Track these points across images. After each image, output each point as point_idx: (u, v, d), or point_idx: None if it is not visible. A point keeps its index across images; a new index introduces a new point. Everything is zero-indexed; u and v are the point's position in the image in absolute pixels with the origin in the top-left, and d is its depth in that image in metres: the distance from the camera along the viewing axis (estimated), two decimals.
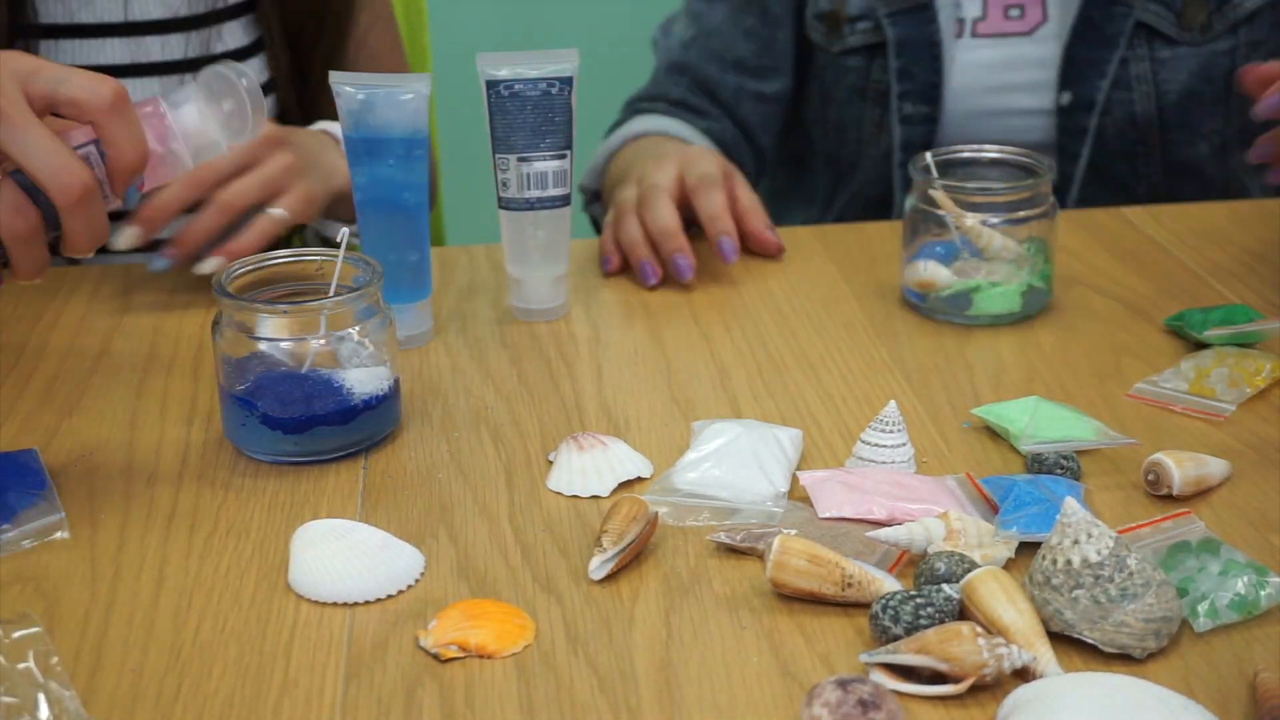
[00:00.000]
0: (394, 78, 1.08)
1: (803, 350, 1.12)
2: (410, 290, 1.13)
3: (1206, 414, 1.01)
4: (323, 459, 0.97)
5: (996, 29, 1.49)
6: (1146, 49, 1.47)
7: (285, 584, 0.85)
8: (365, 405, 0.96)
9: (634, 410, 1.04)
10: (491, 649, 0.79)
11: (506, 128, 1.12)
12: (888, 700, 0.72)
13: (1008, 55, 1.48)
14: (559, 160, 1.13)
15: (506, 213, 1.15)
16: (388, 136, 1.08)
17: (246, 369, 0.96)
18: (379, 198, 1.10)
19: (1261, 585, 0.80)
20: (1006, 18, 1.48)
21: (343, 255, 0.98)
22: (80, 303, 1.21)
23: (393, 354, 0.98)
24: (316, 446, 0.96)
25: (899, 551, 0.86)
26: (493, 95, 1.12)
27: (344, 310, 0.95)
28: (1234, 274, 1.23)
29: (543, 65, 1.11)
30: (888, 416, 0.95)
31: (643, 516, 0.86)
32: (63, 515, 0.90)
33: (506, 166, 1.13)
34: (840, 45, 1.51)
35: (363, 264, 0.99)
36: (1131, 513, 0.90)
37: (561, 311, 1.18)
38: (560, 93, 1.11)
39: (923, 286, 1.16)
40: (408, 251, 1.11)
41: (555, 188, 1.14)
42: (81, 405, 1.05)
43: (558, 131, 1.13)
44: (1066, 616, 0.77)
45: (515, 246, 1.16)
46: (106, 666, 0.78)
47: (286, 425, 0.95)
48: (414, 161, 1.09)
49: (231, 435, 0.98)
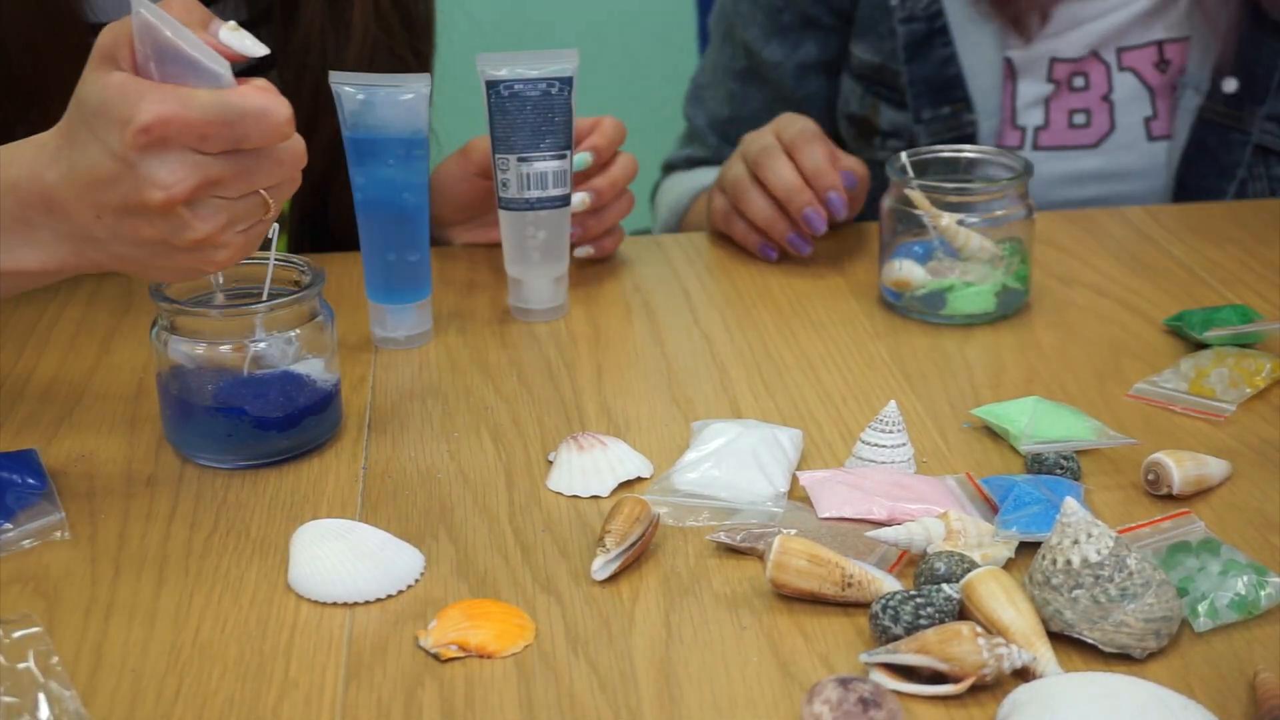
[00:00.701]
0: (394, 78, 1.08)
1: (803, 350, 1.12)
2: (410, 290, 1.13)
3: (1206, 414, 1.01)
4: (305, 451, 0.98)
5: (1060, 140, 1.42)
6: (1264, 168, 1.40)
7: (285, 584, 0.85)
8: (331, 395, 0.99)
9: (634, 410, 1.04)
10: (491, 649, 0.79)
11: (506, 128, 1.12)
12: (888, 699, 0.72)
13: (1074, 168, 1.42)
14: (559, 160, 1.13)
15: (506, 213, 1.15)
16: (387, 137, 1.08)
17: (204, 378, 0.95)
18: (378, 198, 1.10)
19: (1261, 585, 0.80)
20: (1070, 126, 1.41)
21: (274, 256, 0.97)
22: (80, 303, 1.21)
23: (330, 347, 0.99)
24: (308, 438, 0.97)
25: (899, 551, 0.86)
26: (493, 95, 1.12)
27: (284, 313, 0.95)
28: (1234, 274, 1.23)
29: (543, 65, 1.11)
30: (888, 416, 0.95)
31: (645, 517, 0.86)
32: (63, 515, 0.91)
33: (506, 166, 1.13)
34: (871, 155, 1.44)
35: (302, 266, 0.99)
36: (1131, 513, 0.90)
37: (561, 312, 1.18)
38: (560, 93, 1.11)
39: (898, 285, 1.16)
40: (407, 251, 1.11)
41: (555, 188, 1.14)
42: (81, 405, 1.05)
43: (558, 132, 1.13)
44: (1066, 616, 0.77)
45: (515, 246, 1.16)
46: (106, 666, 0.78)
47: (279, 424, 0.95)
48: (414, 161, 1.09)
49: (202, 449, 0.97)
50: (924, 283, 1.15)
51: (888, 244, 1.17)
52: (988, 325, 1.15)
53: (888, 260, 1.17)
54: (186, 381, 0.95)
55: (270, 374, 0.95)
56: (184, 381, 0.95)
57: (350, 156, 1.10)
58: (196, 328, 0.94)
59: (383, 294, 1.13)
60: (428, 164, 1.11)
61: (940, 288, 1.14)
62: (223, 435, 0.95)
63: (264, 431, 0.95)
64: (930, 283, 1.15)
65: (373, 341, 1.14)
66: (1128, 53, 1.40)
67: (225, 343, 0.94)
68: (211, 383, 0.95)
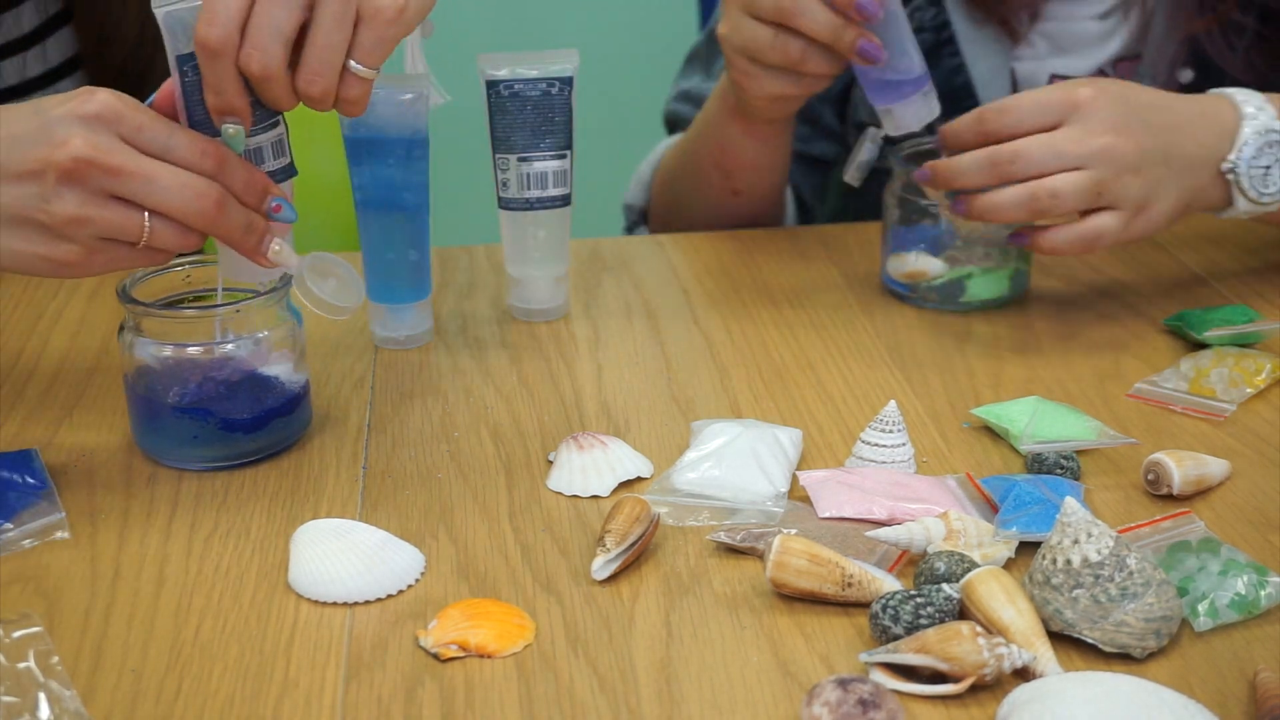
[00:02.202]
0: (395, 78, 1.08)
1: (803, 350, 1.12)
2: (410, 290, 1.13)
3: (1206, 414, 1.01)
4: (269, 454, 0.98)
5: None
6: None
7: (285, 584, 0.85)
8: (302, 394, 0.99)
9: (634, 410, 1.04)
10: (491, 649, 0.79)
11: (506, 127, 1.12)
12: (888, 700, 0.72)
13: None
14: (559, 160, 1.13)
15: (506, 213, 1.15)
16: (387, 136, 1.08)
17: (170, 379, 0.95)
18: (379, 198, 1.10)
19: (1261, 585, 0.80)
20: None
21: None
22: (80, 303, 1.21)
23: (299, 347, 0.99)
24: (276, 440, 0.97)
25: (899, 551, 0.86)
26: (493, 95, 1.12)
27: (253, 315, 0.95)
28: (1234, 274, 1.23)
29: (543, 65, 1.11)
30: (887, 416, 0.95)
31: (645, 517, 0.86)
32: (63, 515, 0.91)
33: (506, 166, 1.13)
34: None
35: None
36: (1131, 512, 0.90)
37: (561, 311, 1.18)
38: (560, 93, 1.11)
39: (912, 277, 1.17)
40: (407, 251, 1.11)
41: (555, 188, 1.14)
42: (81, 405, 1.05)
43: (558, 131, 1.13)
44: (1066, 616, 0.77)
45: (515, 246, 1.16)
46: (106, 666, 0.78)
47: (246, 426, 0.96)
48: (414, 161, 1.09)
49: (168, 451, 0.97)
50: (941, 273, 1.16)
51: (892, 235, 1.18)
52: (987, 325, 1.15)
53: (895, 253, 1.18)
54: (153, 383, 0.95)
55: (238, 376, 0.95)
56: (150, 383, 0.95)
57: (350, 156, 1.10)
58: (163, 329, 0.94)
59: (383, 293, 1.13)
60: (428, 164, 1.11)
61: (959, 275, 1.16)
62: (189, 437, 0.95)
63: (230, 434, 0.95)
64: (949, 272, 1.16)
65: (373, 341, 1.14)
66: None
67: (192, 344, 0.94)
68: (178, 384, 0.94)
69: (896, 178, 1.18)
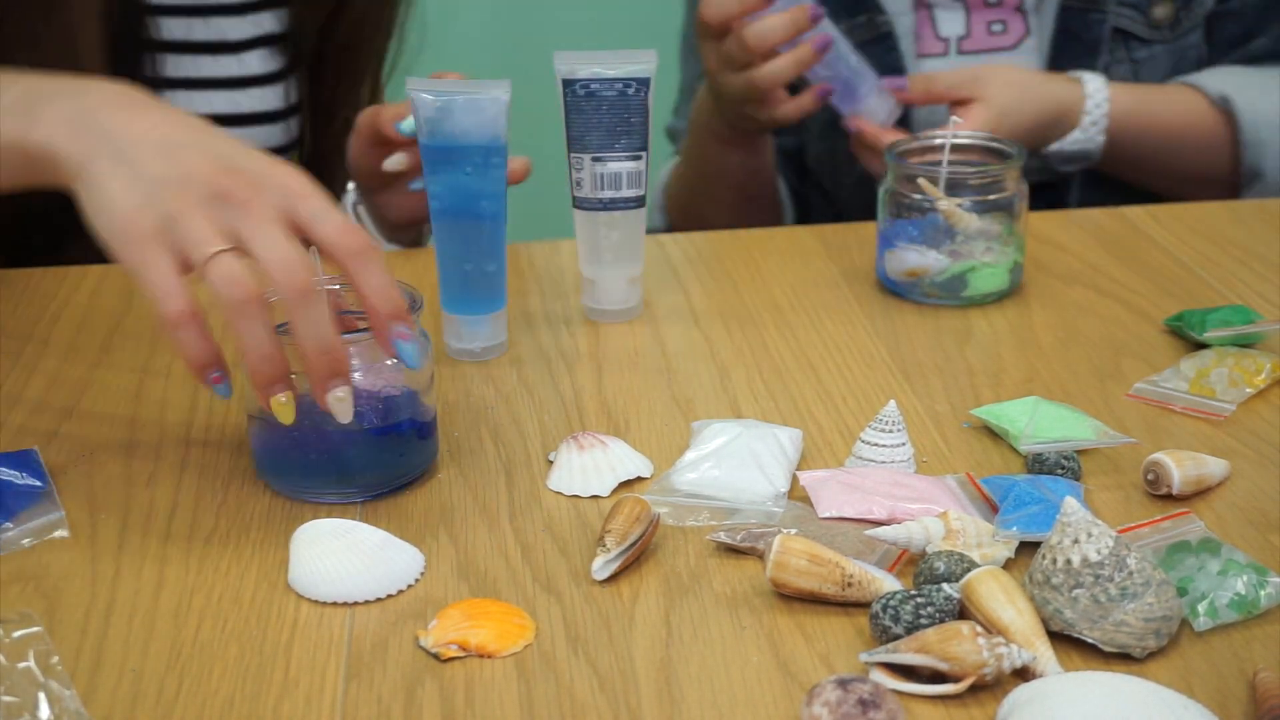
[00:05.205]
0: (473, 84, 1.06)
1: (803, 350, 1.12)
2: (485, 301, 1.10)
3: (1206, 414, 1.01)
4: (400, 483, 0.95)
5: (981, 45, 1.51)
6: (1125, 52, 1.50)
7: (285, 584, 0.85)
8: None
9: (634, 410, 1.04)
10: (491, 649, 0.79)
11: (582, 127, 1.11)
12: (888, 699, 0.72)
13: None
14: (634, 161, 1.12)
15: (580, 212, 1.14)
16: (465, 144, 1.05)
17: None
18: (455, 206, 1.08)
19: (1261, 585, 0.80)
20: (990, 33, 1.51)
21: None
22: (80, 303, 1.21)
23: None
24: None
25: (899, 551, 0.86)
26: (569, 94, 1.11)
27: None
28: (1234, 274, 1.23)
29: (620, 65, 1.10)
30: (887, 416, 0.95)
31: (646, 517, 0.86)
32: (63, 514, 0.91)
33: (581, 166, 1.12)
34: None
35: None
36: (1131, 512, 0.90)
37: (635, 313, 1.17)
38: (637, 93, 1.10)
39: (912, 274, 1.17)
40: (484, 261, 1.09)
41: (630, 188, 1.13)
42: (81, 405, 1.05)
43: (633, 132, 1.11)
44: (1066, 616, 0.77)
45: (588, 246, 1.15)
46: (106, 666, 0.78)
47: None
48: (491, 169, 1.06)
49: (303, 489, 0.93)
50: (943, 268, 1.16)
51: (886, 230, 1.18)
52: (987, 324, 1.15)
53: (891, 251, 1.18)
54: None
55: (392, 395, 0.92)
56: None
57: (426, 164, 1.07)
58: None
59: (459, 304, 1.11)
60: (505, 172, 1.08)
61: (962, 270, 1.16)
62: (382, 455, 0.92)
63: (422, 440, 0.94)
64: (951, 266, 1.16)
65: (447, 353, 1.12)
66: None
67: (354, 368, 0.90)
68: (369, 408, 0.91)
69: (890, 170, 1.18)
